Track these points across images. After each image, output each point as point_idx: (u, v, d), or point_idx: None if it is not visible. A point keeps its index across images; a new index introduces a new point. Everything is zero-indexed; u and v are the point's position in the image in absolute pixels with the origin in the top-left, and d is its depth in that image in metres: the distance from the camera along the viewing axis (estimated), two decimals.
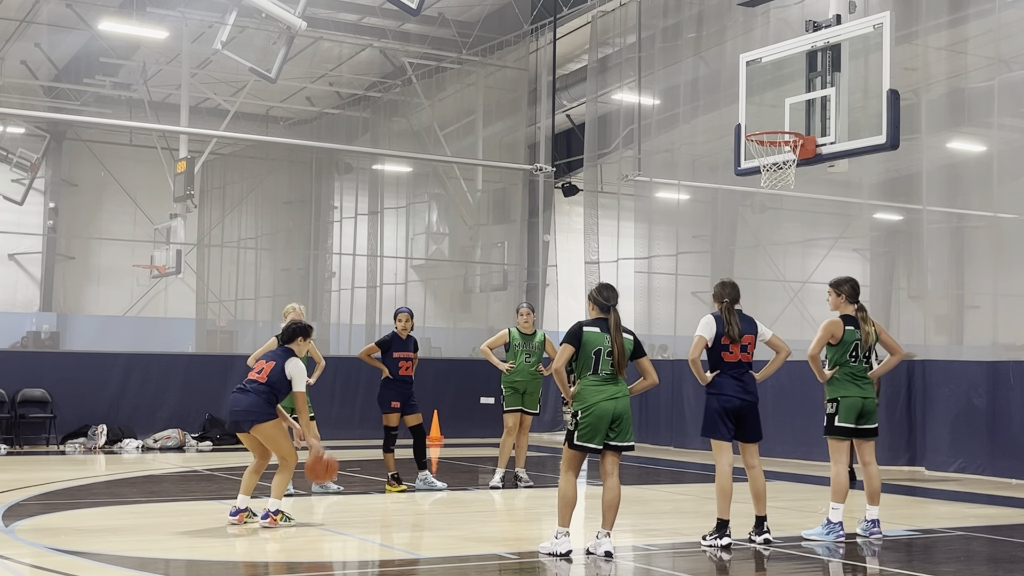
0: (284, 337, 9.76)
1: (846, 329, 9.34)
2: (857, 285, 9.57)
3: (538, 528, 9.78)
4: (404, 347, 12.31)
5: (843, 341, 9.32)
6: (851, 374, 9.34)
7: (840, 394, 9.31)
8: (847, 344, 9.32)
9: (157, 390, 18.16)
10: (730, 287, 9.16)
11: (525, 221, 24.90)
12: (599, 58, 22.25)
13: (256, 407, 9.35)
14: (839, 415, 9.28)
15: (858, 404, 9.30)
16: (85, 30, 22.70)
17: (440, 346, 26.16)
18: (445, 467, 15.45)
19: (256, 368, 9.63)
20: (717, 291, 9.21)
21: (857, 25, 10.66)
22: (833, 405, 9.33)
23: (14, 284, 28.62)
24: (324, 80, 27.04)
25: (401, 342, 12.32)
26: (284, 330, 9.85)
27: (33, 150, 27.20)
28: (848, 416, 9.27)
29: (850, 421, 9.28)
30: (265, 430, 9.37)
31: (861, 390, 9.33)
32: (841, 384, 9.33)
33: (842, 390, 9.31)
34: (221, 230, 29.99)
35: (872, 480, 9.43)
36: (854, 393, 9.29)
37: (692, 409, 17.72)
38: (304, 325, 9.87)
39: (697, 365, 9.02)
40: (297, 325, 9.83)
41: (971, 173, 17.62)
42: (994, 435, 13.66)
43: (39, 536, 8.84)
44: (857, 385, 9.32)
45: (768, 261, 23.34)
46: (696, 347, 8.98)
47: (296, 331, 9.76)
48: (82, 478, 13.34)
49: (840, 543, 9.11)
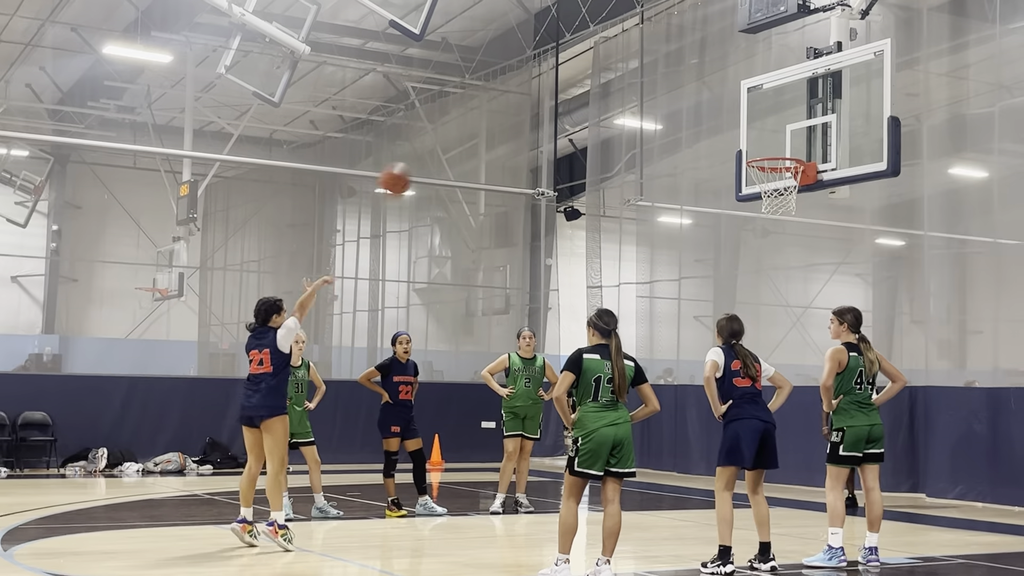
0: (259, 319, 9.82)
1: (850, 356, 9.35)
2: (860, 315, 9.59)
3: (538, 554, 9.75)
4: (404, 371, 12.28)
5: (848, 368, 9.33)
6: (856, 402, 9.34)
7: (847, 424, 9.31)
8: (852, 372, 9.32)
9: (158, 413, 18.14)
10: (736, 322, 9.18)
11: (527, 245, 24.92)
12: (601, 83, 22.31)
13: (267, 402, 9.55)
14: (844, 445, 9.29)
15: (864, 432, 9.30)
16: (90, 54, 22.78)
17: (442, 370, 26.13)
18: (446, 492, 15.42)
19: (255, 361, 9.67)
20: (723, 326, 9.21)
21: (858, 52, 10.68)
22: (839, 435, 9.33)
23: (17, 306, 28.62)
24: (327, 104, 27.12)
25: (401, 366, 12.28)
26: (256, 313, 9.88)
27: (37, 173, 27.24)
28: (854, 446, 9.27)
29: (856, 450, 9.29)
30: (273, 426, 9.50)
31: (868, 417, 9.33)
32: (848, 413, 9.33)
33: (848, 419, 9.31)
34: (224, 253, 30.01)
35: (874, 506, 9.41)
36: (861, 422, 9.29)
37: (696, 435, 17.67)
38: (273, 300, 9.90)
39: (712, 385, 9.00)
40: (268, 303, 9.88)
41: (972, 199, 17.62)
42: (995, 462, 13.61)
43: (39, 560, 8.82)
44: (864, 413, 9.33)
45: (770, 286, 23.33)
46: (711, 368, 9.00)
47: (268, 309, 9.83)
48: (82, 502, 13.32)
49: (843, 569, 9.07)
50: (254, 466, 9.69)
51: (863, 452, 9.32)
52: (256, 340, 9.80)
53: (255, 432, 9.61)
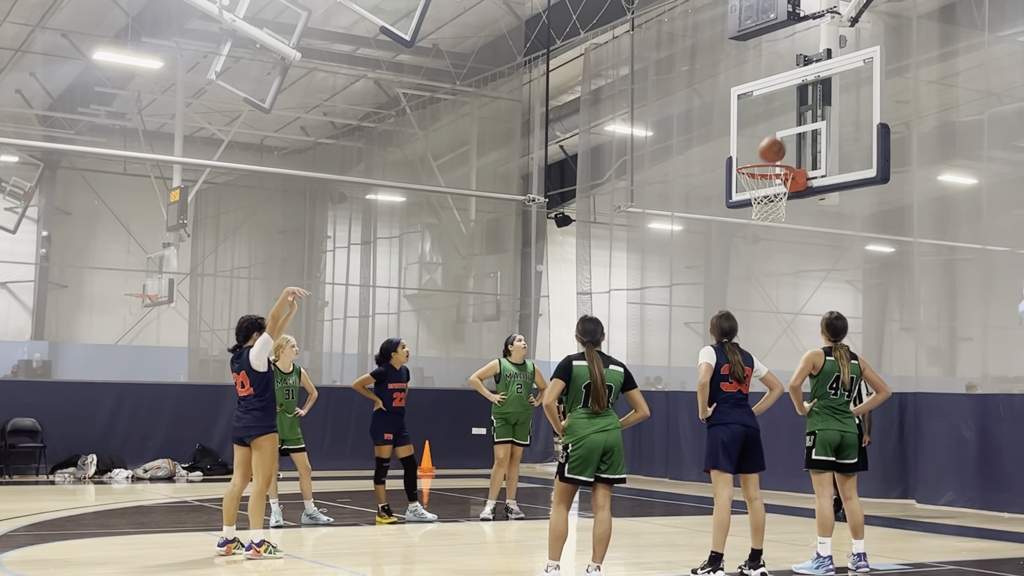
0: (240, 338, 9.70)
1: (827, 360, 9.36)
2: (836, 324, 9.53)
3: (529, 561, 9.74)
4: (399, 378, 12.26)
5: (823, 372, 9.34)
6: (830, 407, 9.34)
7: (818, 427, 9.32)
8: (827, 375, 9.33)
9: (148, 419, 18.09)
10: (729, 321, 9.17)
11: (518, 251, 24.93)
12: (592, 90, 22.34)
13: (256, 422, 9.48)
14: (815, 448, 9.29)
15: (836, 438, 9.28)
16: (80, 60, 22.75)
17: (433, 376, 26.11)
18: (436, 498, 15.40)
19: (238, 384, 9.63)
20: (716, 324, 9.20)
21: (848, 59, 10.71)
22: (811, 438, 9.34)
23: (6, 312, 28.56)
24: (318, 110, 27.12)
25: (396, 373, 12.26)
26: (237, 331, 9.75)
27: (27, 179, 27.16)
28: (824, 450, 9.26)
29: (827, 455, 9.28)
30: (262, 444, 9.45)
31: (841, 423, 9.31)
32: (820, 417, 9.34)
33: (820, 423, 9.32)
34: (214, 259, 29.96)
35: (854, 515, 9.40)
36: (832, 427, 9.29)
37: (688, 440, 17.67)
38: (253, 319, 9.73)
39: (706, 391, 8.98)
40: (249, 321, 9.72)
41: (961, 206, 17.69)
42: (985, 468, 13.64)
43: (27, 568, 8.78)
44: (836, 419, 9.32)
45: (761, 292, 23.37)
46: (705, 372, 8.97)
47: (250, 327, 9.68)
48: (71, 508, 13.28)
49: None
50: (239, 483, 9.62)
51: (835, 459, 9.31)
52: (236, 362, 9.66)
53: (245, 450, 9.55)
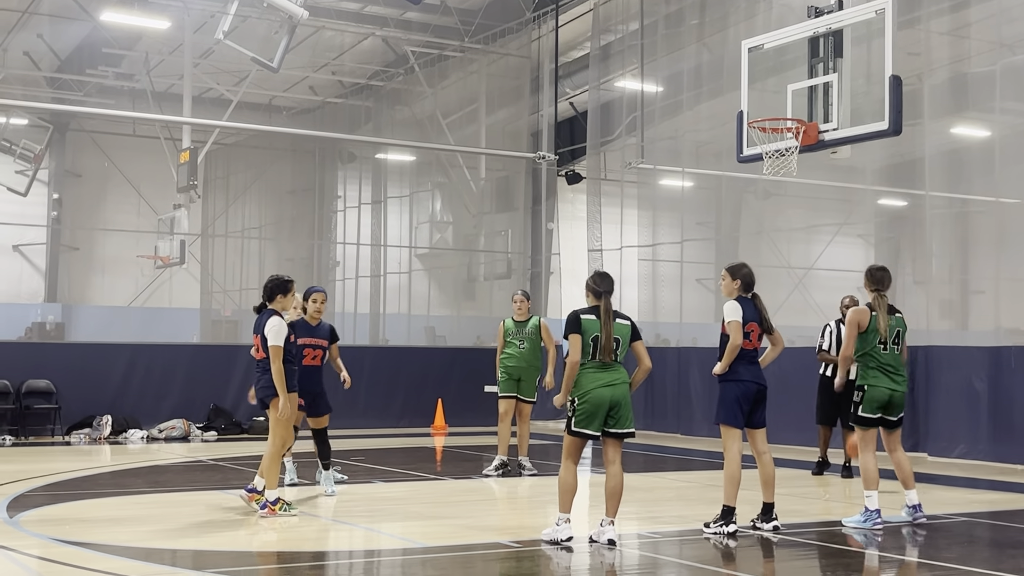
0: (265, 296, 9.68)
1: (872, 315, 9.34)
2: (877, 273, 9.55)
3: (542, 516, 9.79)
4: (313, 333, 10.98)
5: (870, 328, 9.32)
6: (881, 364, 9.31)
7: (868, 383, 9.32)
8: (874, 331, 9.31)
9: (162, 380, 18.19)
10: (748, 271, 9.17)
11: (528, 209, 24.87)
12: (601, 45, 22.20)
13: (270, 384, 9.46)
14: (863, 405, 9.31)
15: (884, 396, 9.31)
16: (87, 21, 22.68)
17: (444, 335, 26.17)
18: (449, 455, 15.47)
19: (255, 345, 9.66)
20: (737, 271, 9.15)
21: (859, 11, 10.63)
22: (859, 394, 9.36)
23: (19, 275, 28.66)
24: (327, 69, 27.01)
25: (309, 328, 10.94)
26: (264, 289, 9.72)
27: (36, 141, 27.15)
28: (871, 407, 9.28)
29: (873, 412, 9.29)
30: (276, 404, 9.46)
31: (892, 381, 9.32)
32: (871, 373, 9.33)
33: (871, 379, 9.32)
34: (225, 220, 30.00)
35: (902, 467, 9.48)
36: (883, 383, 9.30)
37: (699, 396, 17.70)
38: (283, 280, 9.64)
39: (736, 352, 8.90)
40: (275, 282, 9.65)
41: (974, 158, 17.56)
42: (996, 420, 13.64)
43: (44, 527, 8.86)
44: (888, 376, 9.31)
45: (772, 247, 23.31)
46: (737, 332, 8.89)
47: (275, 288, 9.62)
48: (87, 469, 13.38)
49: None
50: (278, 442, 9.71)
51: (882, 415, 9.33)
52: (258, 325, 9.59)
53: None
